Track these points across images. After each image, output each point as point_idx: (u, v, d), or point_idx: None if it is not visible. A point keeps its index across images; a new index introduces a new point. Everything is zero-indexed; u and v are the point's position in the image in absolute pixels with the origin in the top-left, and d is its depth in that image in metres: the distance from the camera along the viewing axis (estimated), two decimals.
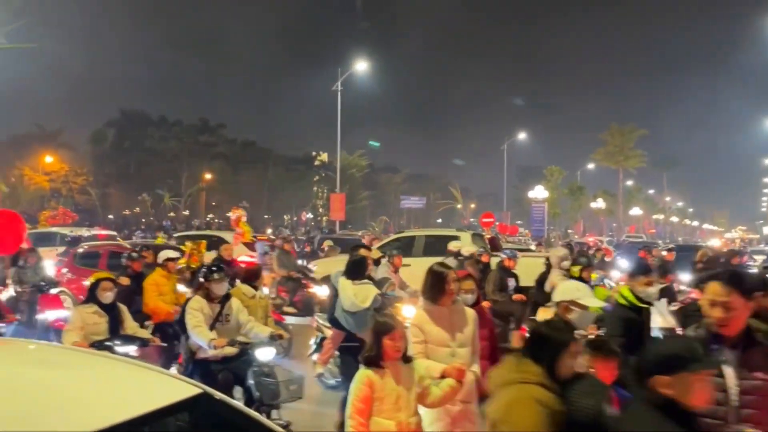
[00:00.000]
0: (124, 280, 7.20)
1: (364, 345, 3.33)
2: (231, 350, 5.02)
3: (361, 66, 32.16)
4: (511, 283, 8.91)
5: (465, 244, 12.56)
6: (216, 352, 4.92)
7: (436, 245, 13.09)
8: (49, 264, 11.76)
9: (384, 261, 8.66)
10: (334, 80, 29.88)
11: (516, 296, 8.57)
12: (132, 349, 5.22)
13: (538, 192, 32.32)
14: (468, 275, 4.88)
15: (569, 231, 45.80)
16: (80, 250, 12.58)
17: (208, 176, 60.58)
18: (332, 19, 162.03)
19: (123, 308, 5.60)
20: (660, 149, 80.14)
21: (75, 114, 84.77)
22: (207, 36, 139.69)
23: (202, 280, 5.34)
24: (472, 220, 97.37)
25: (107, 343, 5.05)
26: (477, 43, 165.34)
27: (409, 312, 6.43)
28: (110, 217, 55.99)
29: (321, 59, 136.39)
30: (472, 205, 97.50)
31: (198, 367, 5.03)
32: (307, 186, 71.06)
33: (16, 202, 44.29)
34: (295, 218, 73.52)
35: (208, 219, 61.05)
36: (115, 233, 22.97)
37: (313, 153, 76.98)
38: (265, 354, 5.05)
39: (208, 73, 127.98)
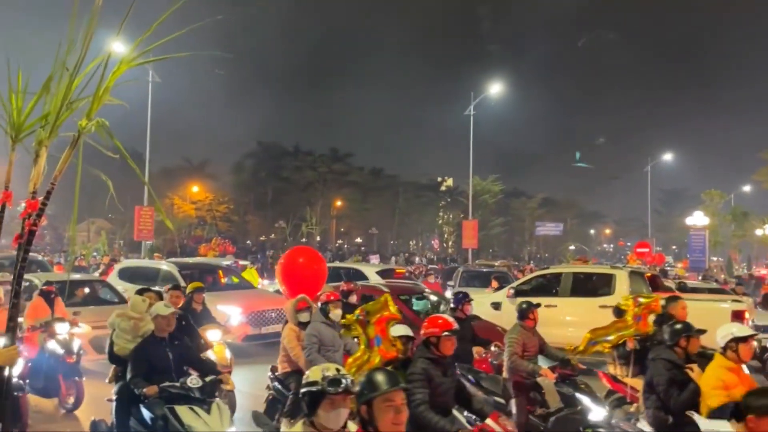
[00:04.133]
0: None
1: None
2: None
3: (494, 89, 31.31)
4: None
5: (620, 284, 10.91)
6: None
7: (586, 284, 11.69)
8: None
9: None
10: (456, 104, 29.20)
11: None
12: None
13: (698, 218, 28.95)
14: None
15: (715, 260, 40.87)
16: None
17: (338, 203, 61.92)
18: (459, 44, 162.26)
19: None
20: None
21: (218, 146, 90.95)
22: (332, 67, 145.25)
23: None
24: (605, 246, 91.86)
25: None
26: (612, 60, 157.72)
27: None
28: (248, 242, 58.72)
29: (445, 85, 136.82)
30: (608, 231, 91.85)
31: None
32: (434, 212, 70.41)
33: (167, 230, 47.39)
34: (420, 244, 73.05)
35: (338, 244, 62.27)
36: (248, 263, 23.02)
37: (439, 178, 76.36)
38: None
39: (335, 102, 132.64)
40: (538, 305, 6.56)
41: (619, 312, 7.18)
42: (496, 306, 11.17)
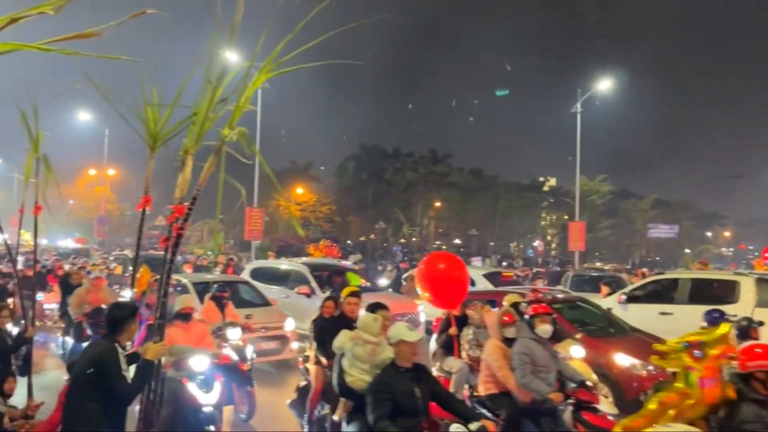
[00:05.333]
0: None
1: None
2: None
3: (603, 86, 29.96)
4: None
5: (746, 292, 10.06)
6: None
7: (706, 291, 10.92)
8: None
9: None
10: (560, 102, 28.17)
11: None
12: None
13: None
14: None
15: None
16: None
17: (437, 204, 61.87)
18: (564, 40, 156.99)
19: None
20: None
21: (320, 149, 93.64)
22: (432, 66, 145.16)
23: None
24: (724, 249, 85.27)
25: None
26: (732, 52, 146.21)
27: None
28: (348, 242, 59.95)
29: (549, 82, 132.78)
30: (727, 233, 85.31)
31: None
32: (536, 213, 68.57)
33: (274, 230, 49.40)
34: (521, 246, 71.29)
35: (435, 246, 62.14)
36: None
37: (541, 178, 74.19)
38: None
39: (435, 103, 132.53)
40: (761, 323, 5.73)
41: None
42: None
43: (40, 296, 12.07)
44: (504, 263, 35.45)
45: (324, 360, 6.19)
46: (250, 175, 25.30)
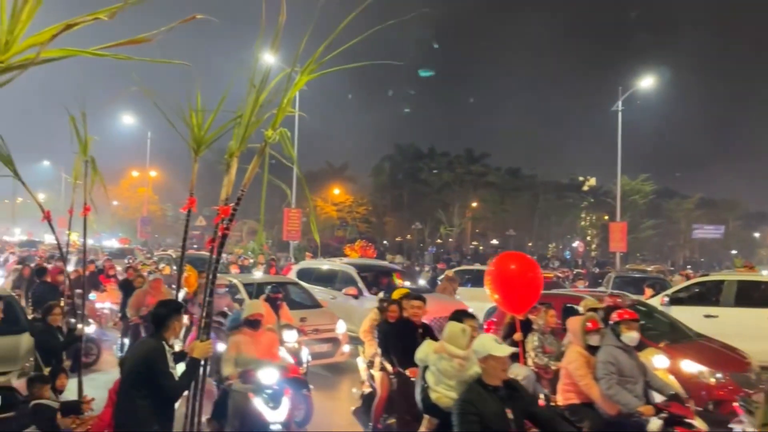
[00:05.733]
0: None
1: None
2: None
3: (645, 83, 29.22)
4: None
5: None
6: None
7: (753, 293, 10.81)
8: None
9: None
10: (601, 100, 27.54)
11: None
12: None
13: None
14: None
15: None
16: None
17: (474, 204, 61.38)
18: (604, 35, 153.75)
19: None
20: None
21: (356, 149, 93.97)
22: (468, 64, 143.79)
23: None
24: None
25: None
26: None
27: None
28: (385, 242, 60.01)
29: (588, 80, 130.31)
30: None
31: None
32: (575, 213, 67.40)
33: (311, 230, 49.82)
34: (560, 247, 70.20)
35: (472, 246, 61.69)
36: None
37: (581, 178, 72.97)
38: None
39: (471, 102, 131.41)
40: None
41: None
42: None
43: (92, 296, 12.35)
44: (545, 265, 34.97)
45: (389, 366, 5.97)
46: (288, 176, 25.60)
